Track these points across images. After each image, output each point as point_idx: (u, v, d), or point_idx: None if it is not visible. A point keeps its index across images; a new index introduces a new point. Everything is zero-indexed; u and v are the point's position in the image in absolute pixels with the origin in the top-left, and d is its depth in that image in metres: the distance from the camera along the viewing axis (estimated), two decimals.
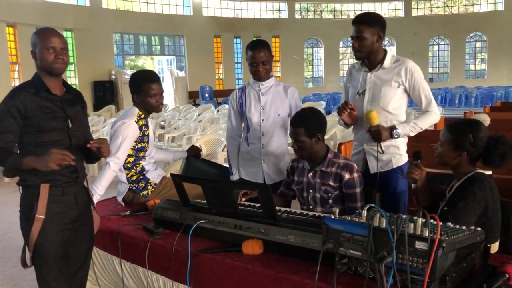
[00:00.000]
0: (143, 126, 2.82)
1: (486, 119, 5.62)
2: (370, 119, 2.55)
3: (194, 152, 3.29)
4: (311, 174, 2.56)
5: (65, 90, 2.28)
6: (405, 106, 2.74)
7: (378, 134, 2.55)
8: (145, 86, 2.80)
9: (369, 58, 2.68)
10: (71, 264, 2.29)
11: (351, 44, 2.70)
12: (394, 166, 2.71)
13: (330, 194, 2.51)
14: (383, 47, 2.71)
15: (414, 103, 2.80)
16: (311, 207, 2.57)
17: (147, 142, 2.86)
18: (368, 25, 2.58)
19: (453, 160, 2.15)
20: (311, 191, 2.56)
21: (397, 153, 2.71)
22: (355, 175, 2.48)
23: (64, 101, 2.24)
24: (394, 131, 2.57)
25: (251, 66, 2.95)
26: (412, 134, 2.67)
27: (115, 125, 2.80)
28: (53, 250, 2.17)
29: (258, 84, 3.02)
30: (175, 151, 3.42)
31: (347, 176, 2.46)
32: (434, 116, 2.66)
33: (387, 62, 2.67)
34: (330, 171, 2.50)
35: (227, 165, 3.25)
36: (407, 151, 2.76)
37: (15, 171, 2.15)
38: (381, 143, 2.60)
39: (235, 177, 3.12)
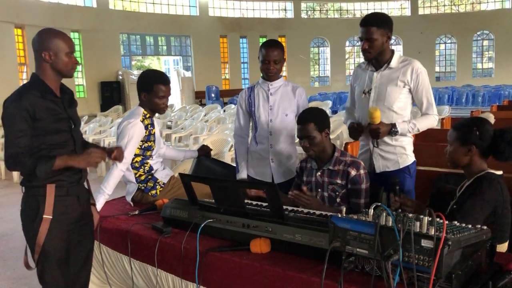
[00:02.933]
0: (149, 125, 2.84)
1: (490, 117, 5.62)
2: (373, 118, 2.58)
3: (204, 151, 3.31)
4: (319, 173, 2.58)
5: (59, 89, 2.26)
6: (410, 106, 2.75)
7: (377, 133, 2.60)
8: (155, 87, 2.82)
9: (377, 57, 2.70)
10: (74, 263, 2.29)
11: (359, 45, 2.73)
12: (401, 166, 2.72)
13: (337, 193, 2.53)
14: (391, 47, 2.73)
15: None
16: None
17: (154, 141, 2.88)
18: (378, 26, 2.60)
19: (464, 157, 2.15)
20: (319, 190, 2.58)
21: (403, 153, 2.73)
22: (362, 171, 2.50)
23: (64, 101, 2.24)
24: (393, 130, 2.62)
25: (263, 64, 2.96)
26: (409, 134, 2.71)
27: (121, 125, 2.83)
28: (58, 250, 2.18)
29: (267, 84, 3.04)
30: (186, 151, 3.44)
31: (353, 172, 2.48)
32: (432, 120, 2.70)
33: (394, 62, 2.68)
34: (337, 169, 2.52)
35: (235, 165, 3.27)
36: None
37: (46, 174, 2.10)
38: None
39: (241, 175, 3.15)
